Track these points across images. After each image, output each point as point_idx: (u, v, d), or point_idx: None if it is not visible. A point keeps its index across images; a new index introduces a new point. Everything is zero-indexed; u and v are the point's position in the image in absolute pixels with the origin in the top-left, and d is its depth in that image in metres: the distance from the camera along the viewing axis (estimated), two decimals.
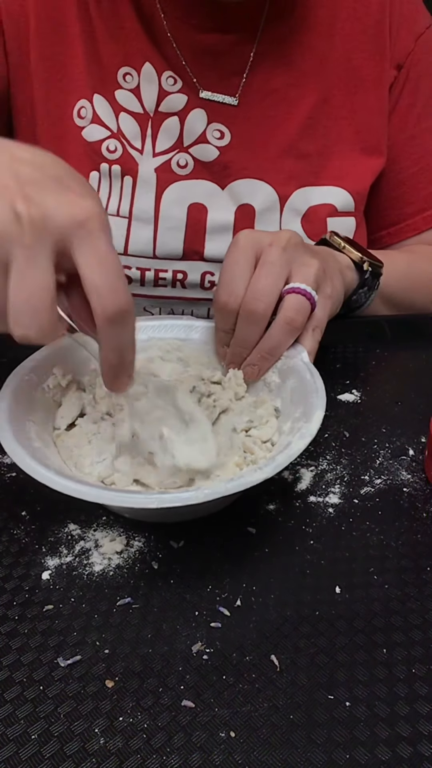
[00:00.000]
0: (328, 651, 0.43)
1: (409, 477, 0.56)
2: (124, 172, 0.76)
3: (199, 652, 0.43)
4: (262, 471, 0.46)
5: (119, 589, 0.47)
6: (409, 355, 0.73)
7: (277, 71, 0.76)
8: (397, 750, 0.38)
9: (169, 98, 0.75)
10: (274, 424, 0.55)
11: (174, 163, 0.76)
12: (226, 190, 0.77)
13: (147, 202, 0.76)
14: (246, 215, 0.77)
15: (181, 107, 0.75)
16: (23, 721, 0.39)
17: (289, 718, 0.39)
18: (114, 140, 0.75)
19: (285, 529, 0.51)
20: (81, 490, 0.44)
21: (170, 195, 0.76)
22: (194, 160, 0.76)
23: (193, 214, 0.77)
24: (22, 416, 0.51)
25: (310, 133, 0.78)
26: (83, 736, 0.38)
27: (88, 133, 0.75)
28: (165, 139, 0.76)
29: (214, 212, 0.77)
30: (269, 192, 0.77)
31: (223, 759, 0.37)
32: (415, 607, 0.46)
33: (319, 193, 0.79)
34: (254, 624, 0.44)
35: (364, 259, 0.70)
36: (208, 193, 0.77)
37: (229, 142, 0.76)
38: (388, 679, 0.41)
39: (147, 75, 0.74)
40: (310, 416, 0.50)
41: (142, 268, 0.78)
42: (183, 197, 0.76)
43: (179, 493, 0.44)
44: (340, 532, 0.51)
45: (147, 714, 0.39)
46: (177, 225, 0.77)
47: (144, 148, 0.76)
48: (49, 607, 0.45)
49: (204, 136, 0.76)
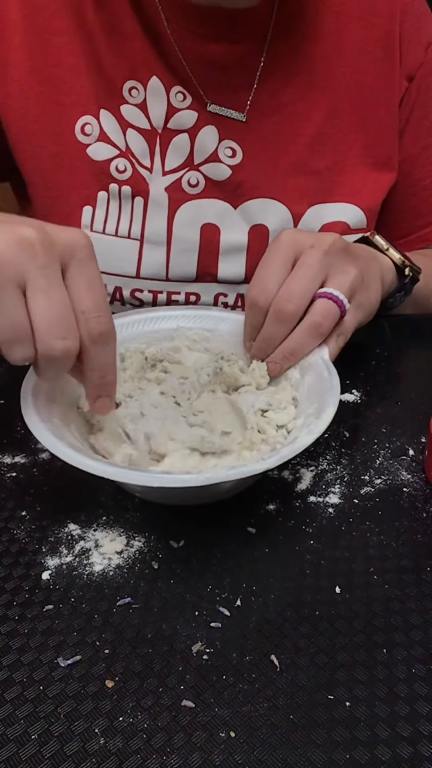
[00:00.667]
0: (328, 651, 0.43)
1: (409, 477, 0.56)
2: (135, 193, 0.73)
3: (199, 652, 0.43)
4: (265, 461, 0.46)
5: (119, 589, 0.47)
6: (409, 355, 0.73)
7: (285, 85, 0.74)
8: (397, 750, 0.38)
9: (178, 115, 0.73)
10: (292, 411, 0.56)
11: (185, 181, 0.74)
12: (239, 210, 0.76)
13: (159, 223, 0.74)
14: (260, 235, 0.76)
15: (191, 124, 0.73)
16: (23, 721, 0.39)
17: (289, 718, 0.39)
18: (123, 159, 0.73)
19: (285, 529, 0.51)
20: (87, 463, 0.46)
21: (182, 216, 0.75)
22: (206, 178, 0.75)
23: (205, 236, 0.75)
24: (47, 393, 0.53)
25: (320, 149, 0.76)
26: (83, 736, 0.38)
27: (94, 151, 0.73)
28: (175, 157, 0.74)
29: (227, 233, 0.76)
30: (282, 211, 0.76)
31: (223, 759, 0.37)
32: (415, 607, 0.46)
33: (332, 210, 0.77)
34: (254, 624, 0.44)
35: (407, 264, 0.70)
36: (221, 213, 0.75)
37: (241, 160, 0.75)
38: (388, 679, 0.41)
39: (154, 89, 0.72)
40: (320, 413, 0.51)
41: (155, 290, 0.76)
42: (195, 218, 0.75)
43: (181, 475, 0.46)
44: (340, 532, 0.51)
45: (147, 714, 0.39)
46: (190, 247, 0.75)
47: (153, 167, 0.74)
48: (49, 607, 0.45)
49: (216, 155, 0.74)
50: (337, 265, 0.59)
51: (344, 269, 0.59)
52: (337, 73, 0.75)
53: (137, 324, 0.64)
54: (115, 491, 0.54)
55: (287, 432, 0.55)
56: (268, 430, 0.54)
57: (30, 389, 0.52)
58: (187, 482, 0.45)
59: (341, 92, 0.76)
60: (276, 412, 0.56)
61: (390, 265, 0.70)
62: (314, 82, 0.75)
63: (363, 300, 0.62)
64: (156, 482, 0.45)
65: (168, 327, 0.64)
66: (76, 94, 0.72)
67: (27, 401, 0.51)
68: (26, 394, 0.52)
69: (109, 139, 0.73)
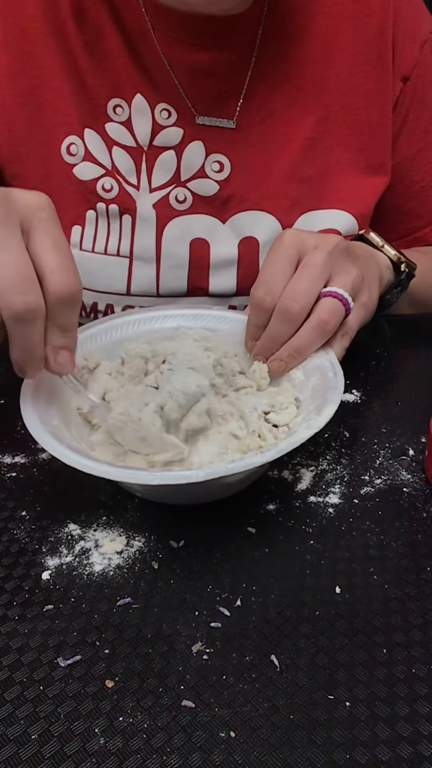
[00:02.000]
0: (328, 651, 0.43)
1: (409, 477, 0.56)
2: (122, 211, 0.73)
3: (199, 652, 0.43)
4: (263, 455, 0.47)
5: (119, 589, 0.47)
6: (409, 355, 0.73)
7: (275, 91, 0.73)
8: (397, 750, 0.38)
9: (164, 132, 0.72)
10: (294, 411, 0.56)
11: (172, 198, 0.74)
12: (228, 224, 0.75)
13: (148, 240, 0.74)
14: (250, 248, 0.76)
15: (177, 141, 0.73)
16: (23, 721, 0.39)
17: (289, 718, 0.39)
18: (109, 178, 0.73)
19: (285, 529, 0.51)
20: (87, 464, 0.46)
21: (171, 232, 0.74)
22: (193, 194, 0.74)
23: (195, 251, 0.75)
24: (47, 393, 0.53)
25: (311, 156, 0.75)
26: (83, 736, 0.38)
27: (80, 171, 0.73)
28: (161, 174, 0.73)
29: (217, 247, 0.75)
30: (272, 222, 0.75)
31: (223, 759, 0.37)
32: (415, 607, 0.46)
33: (322, 217, 0.77)
34: (254, 624, 0.44)
35: (402, 260, 0.70)
36: (210, 228, 0.75)
37: (228, 174, 0.74)
38: (388, 679, 0.41)
39: (138, 107, 0.72)
40: (321, 409, 0.51)
41: (146, 307, 0.76)
42: (184, 233, 0.74)
43: (180, 472, 0.46)
44: (340, 532, 0.51)
45: (147, 714, 0.39)
46: (180, 263, 0.75)
47: (140, 184, 0.73)
48: (49, 607, 0.45)
49: (203, 170, 0.74)
50: (340, 264, 0.59)
51: (347, 269, 0.59)
52: (328, 76, 0.74)
53: (137, 324, 0.64)
54: (115, 491, 0.54)
55: (288, 429, 0.55)
56: (268, 437, 0.54)
57: (30, 390, 0.52)
58: (188, 478, 0.45)
59: (333, 96, 0.74)
60: (278, 413, 0.56)
61: (387, 262, 0.70)
62: (305, 87, 0.74)
63: (365, 299, 0.62)
64: (156, 480, 0.45)
65: (168, 326, 0.64)
66: (60, 115, 0.72)
67: (26, 402, 0.51)
68: (26, 395, 0.52)
69: (94, 159, 0.73)
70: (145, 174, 0.73)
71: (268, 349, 0.59)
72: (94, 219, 0.74)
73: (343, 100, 0.75)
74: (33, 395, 0.52)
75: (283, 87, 0.74)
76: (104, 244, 0.74)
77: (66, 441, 0.49)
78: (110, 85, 0.71)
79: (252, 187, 0.75)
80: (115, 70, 0.71)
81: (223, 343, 0.63)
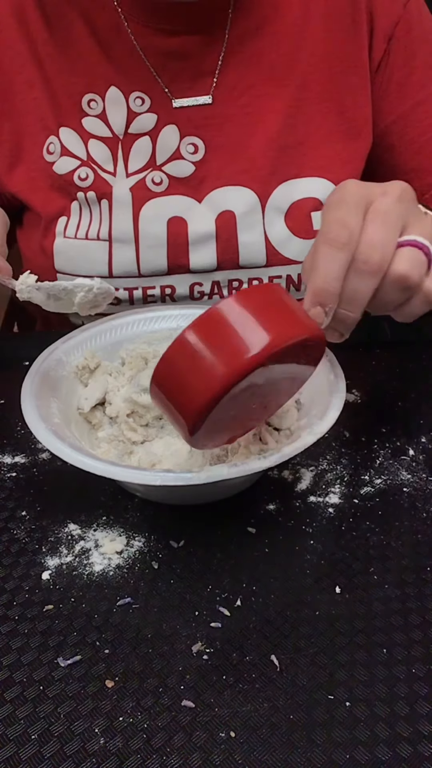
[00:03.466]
0: (328, 651, 0.43)
1: (409, 477, 0.56)
2: (99, 197, 0.75)
3: (199, 652, 0.43)
4: (266, 459, 0.47)
5: (119, 589, 0.47)
6: (409, 355, 0.73)
7: (250, 67, 0.74)
8: (397, 750, 0.38)
9: (138, 119, 0.74)
10: (295, 414, 0.56)
11: (149, 180, 0.75)
12: (204, 202, 0.76)
13: (125, 222, 0.75)
14: (227, 221, 0.76)
15: (151, 127, 0.74)
16: (23, 721, 0.39)
17: (289, 718, 0.39)
18: (85, 168, 0.74)
19: (285, 529, 0.51)
20: (91, 464, 0.46)
21: (147, 212, 0.75)
22: (169, 177, 0.75)
23: (173, 229, 0.76)
24: (47, 393, 0.54)
25: (291, 124, 0.75)
26: (83, 736, 0.38)
27: (59, 167, 0.75)
28: (137, 160, 0.75)
29: (195, 224, 0.76)
30: (249, 195, 0.75)
31: (223, 759, 0.37)
32: (415, 607, 0.46)
33: (301, 186, 0.76)
34: (254, 624, 0.44)
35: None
36: (186, 207, 0.76)
37: (203, 155, 0.75)
38: (388, 679, 0.41)
39: (113, 99, 0.73)
40: (324, 415, 0.51)
41: (129, 287, 0.77)
42: (160, 214, 0.75)
43: (182, 474, 0.46)
44: (340, 532, 0.51)
45: (147, 714, 0.39)
46: (158, 242, 0.75)
47: (117, 171, 0.75)
48: (49, 607, 0.45)
49: (178, 152, 0.75)
50: (414, 212, 0.52)
51: (420, 218, 0.52)
52: (304, 45, 0.74)
53: (137, 324, 0.64)
54: (116, 491, 0.54)
55: (290, 432, 0.55)
56: (270, 441, 0.54)
57: (30, 389, 0.52)
58: (189, 480, 0.45)
59: (309, 65, 0.75)
60: (279, 417, 0.56)
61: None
62: (280, 60, 0.74)
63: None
64: (158, 480, 0.45)
65: (168, 327, 0.64)
66: (39, 121, 0.74)
67: (27, 401, 0.51)
68: (26, 394, 0.52)
69: (70, 153, 0.75)
70: (122, 161, 0.75)
71: (344, 318, 0.49)
72: (78, 209, 0.76)
73: (320, 67, 0.75)
74: (33, 395, 0.52)
75: (258, 62, 0.74)
76: (86, 230, 0.76)
77: (68, 440, 0.49)
78: (83, 82, 0.73)
79: (228, 162, 0.75)
80: (88, 67, 0.73)
81: None
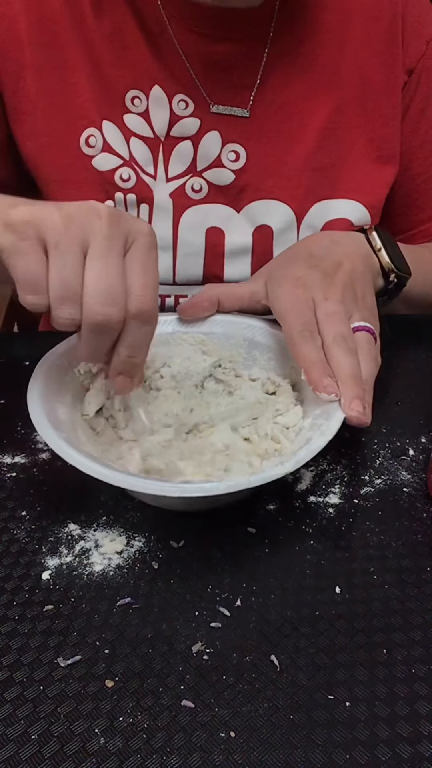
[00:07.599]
0: (328, 651, 0.43)
1: (409, 477, 0.56)
2: (140, 200, 0.75)
3: (199, 652, 0.43)
4: (283, 466, 0.47)
5: (119, 589, 0.47)
6: (409, 355, 0.73)
7: (289, 82, 0.75)
8: (397, 750, 0.38)
9: (181, 122, 0.73)
10: (299, 411, 0.56)
11: (188, 187, 0.75)
12: (242, 213, 0.76)
13: (164, 229, 0.75)
14: (264, 236, 0.77)
15: (194, 132, 0.74)
16: (23, 721, 0.39)
17: (289, 718, 0.39)
18: (127, 168, 0.74)
19: (285, 529, 0.51)
20: (108, 474, 0.46)
21: (187, 220, 0.75)
22: (209, 184, 0.75)
23: (210, 239, 0.76)
24: (52, 397, 0.53)
25: (325, 145, 0.76)
26: (83, 736, 0.38)
27: (99, 163, 0.74)
28: (177, 164, 0.75)
29: (232, 236, 0.76)
30: (286, 211, 0.76)
31: (223, 759, 0.37)
32: (415, 607, 0.46)
33: (335, 207, 0.78)
34: (254, 624, 0.44)
35: (393, 271, 0.69)
36: (225, 217, 0.76)
37: (244, 163, 0.75)
38: (388, 679, 0.41)
39: (156, 99, 0.73)
40: (330, 414, 0.51)
41: (163, 295, 0.77)
42: (200, 222, 0.76)
43: (202, 484, 0.46)
44: (340, 532, 0.51)
45: (147, 714, 0.39)
46: (196, 251, 0.76)
47: (157, 174, 0.74)
48: (49, 607, 0.45)
49: (219, 160, 0.75)
50: (351, 301, 0.60)
51: (358, 304, 0.61)
52: (340, 67, 0.76)
53: None
54: (116, 491, 0.54)
55: (297, 431, 0.55)
56: (283, 440, 0.54)
57: (37, 392, 0.52)
58: (209, 491, 0.45)
59: (345, 87, 0.76)
60: (284, 416, 0.56)
61: (378, 268, 0.69)
62: (317, 79, 0.75)
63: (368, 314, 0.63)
64: (177, 492, 0.45)
65: (163, 331, 0.63)
66: (80, 108, 0.73)
67: (33, 404, 0.51)
68: (32, 397, 0.51)
69: (113, 150, 0.74)
70: (162, 164, 0.75)
71: (360, 389, 0.55)
72: None
73: (355, 91, 0.76)
74: (40, 398, 0.51)
75: (296, 79, 0.75)
76: None
77: (83, 447, 0.48)
78: (129, 76, 0.72)
79: (266, 176, 0.76)
80: (134, 61, 0.72)
81: (219, 346, 0.63)
